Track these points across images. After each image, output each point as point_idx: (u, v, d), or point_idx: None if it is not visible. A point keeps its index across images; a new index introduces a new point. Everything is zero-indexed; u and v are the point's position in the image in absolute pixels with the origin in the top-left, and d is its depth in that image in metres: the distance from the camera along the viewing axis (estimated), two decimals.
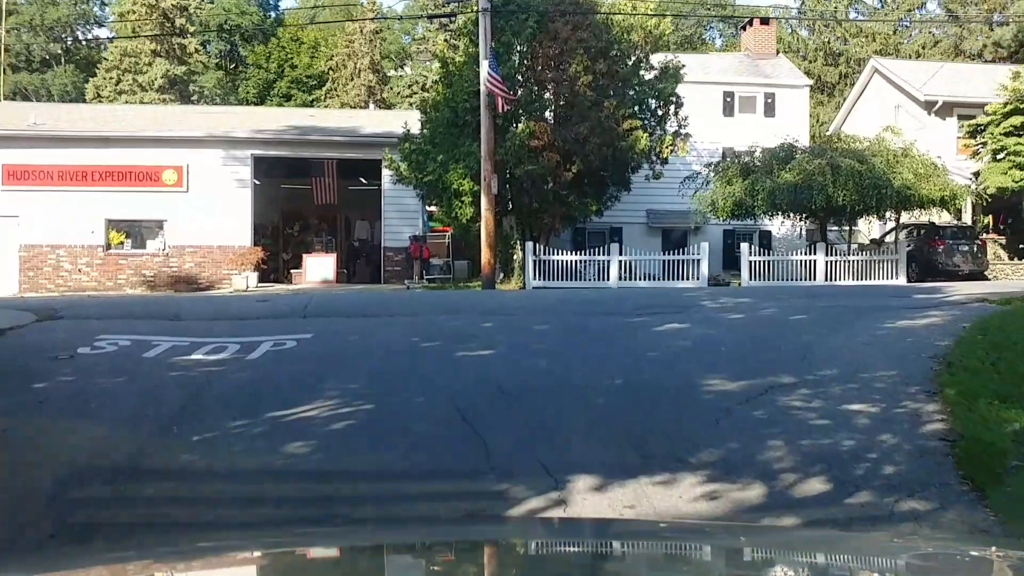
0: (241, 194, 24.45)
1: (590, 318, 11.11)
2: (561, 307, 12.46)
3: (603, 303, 13.11)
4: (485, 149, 18.65)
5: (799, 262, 21.28)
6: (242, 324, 10.94)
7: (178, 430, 5.76)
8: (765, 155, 21.63)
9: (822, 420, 5.71)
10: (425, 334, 9.72)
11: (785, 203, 20.02)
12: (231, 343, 9.24)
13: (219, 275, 24.35)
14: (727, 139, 26.10)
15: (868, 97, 31.21)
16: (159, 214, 24.38)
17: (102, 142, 23.99)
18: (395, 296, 15.85)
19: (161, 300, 14.41)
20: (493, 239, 19.05)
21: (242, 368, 7.93)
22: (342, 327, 10.48)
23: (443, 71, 21.21)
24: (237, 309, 12.45)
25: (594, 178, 21.06)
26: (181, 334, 9.94)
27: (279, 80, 57.00)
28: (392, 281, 24.54)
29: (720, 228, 25.76)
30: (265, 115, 29.68)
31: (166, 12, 37.55)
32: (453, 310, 12.27)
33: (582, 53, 19.27)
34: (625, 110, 20.08)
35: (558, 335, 9.52)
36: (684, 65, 21.88)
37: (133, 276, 24.38)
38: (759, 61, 28.58)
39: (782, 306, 11.86)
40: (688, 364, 7.66)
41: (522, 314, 11.64)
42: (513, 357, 8.16)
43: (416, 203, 24.55)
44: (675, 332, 9.55)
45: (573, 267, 20.92)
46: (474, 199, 19.78)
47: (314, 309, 12.20)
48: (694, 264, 21.04)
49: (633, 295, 15.04)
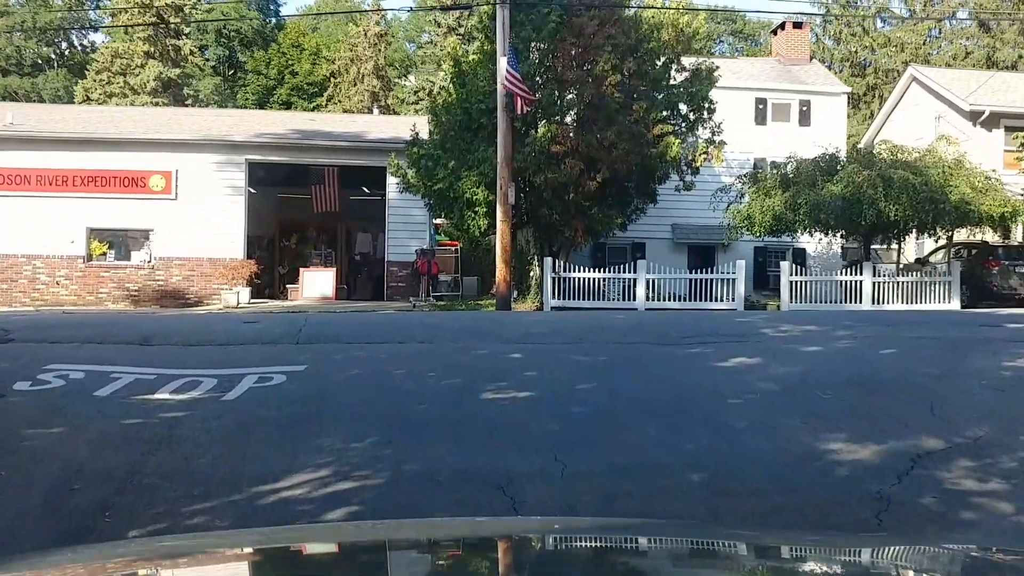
0: (234, 202, 22.92)
1: (635, 348, 9.51)
2: (595, 333, 10.86)
3: (642, 329, 11.50)
4: (502, 155, 17.12)
5: (843, 283, 19.65)
6: (224, 352, 9.37)
7: (111, 519, 4.15)
8: (807, 165, 20.09)
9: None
10: (442, 367, 8.14)
11: (832, 218, 18.45)
12: (207, 377, 7.70)
13: (209, 290, 22.79)
14: (759, 149, 24.61)
15: (905, 107, 29.70)
16: (145, 223, 22.85)
17: (85, 144, 22.48)
18: (401, 318, 14.26)
19: (133, 320, 12.83)
20: (509, 254, 17.48)
21: (215, 413, 6.35)
22: (342, 357, 8.89)
23: (455, 70, 19.71)
24: (220, 332, 10.86)
25: (617, 189, 19.52)
26: (149, 364, 8.40)
27: (279, 87, 55.64)
28: (396, 298, 22.97)
29: (751, 245, 24.19)
30: (262, 118, 28.18)
31: (160, 11, 36.14)
32: (471, 336, 10.67)
33: (610, 51, 17.77)
34: (655, 114, 18.57)
35: (604, 373, 7.91)
36: (718, 67, 20.39)
37: (116, 290, 22.81)
38: (792, 67, 27.10)
39: (858, 336, 10.26)
40: (789, 418, 6.04)
41: (552, 342, 10.04)
42: (557, 404, 6.56)
43: (423, 214, 23.01)
44: (748, 369, 7.94)
45: (595, 286, 19.32)
46: (488, 210, 18.24)
47: (309, 333, 10.62)
48: (728, 284, 19.44)
49: (671, 319, 13.44)
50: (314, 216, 26.87)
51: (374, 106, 38.64)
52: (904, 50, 42.59)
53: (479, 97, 18.30)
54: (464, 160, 18.43)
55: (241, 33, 58.38)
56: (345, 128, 25.95)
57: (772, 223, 19.41)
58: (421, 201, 21.54)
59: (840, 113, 26.08)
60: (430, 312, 17.83)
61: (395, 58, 57.05)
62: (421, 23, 61.00)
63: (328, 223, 28.38)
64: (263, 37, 59.23)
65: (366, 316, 14.93)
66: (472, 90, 18.58)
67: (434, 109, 20.10)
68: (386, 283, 23.55)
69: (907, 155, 20.01)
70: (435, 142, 19.28)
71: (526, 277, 20.59)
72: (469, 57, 20.38)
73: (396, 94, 47.43)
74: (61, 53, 56.98)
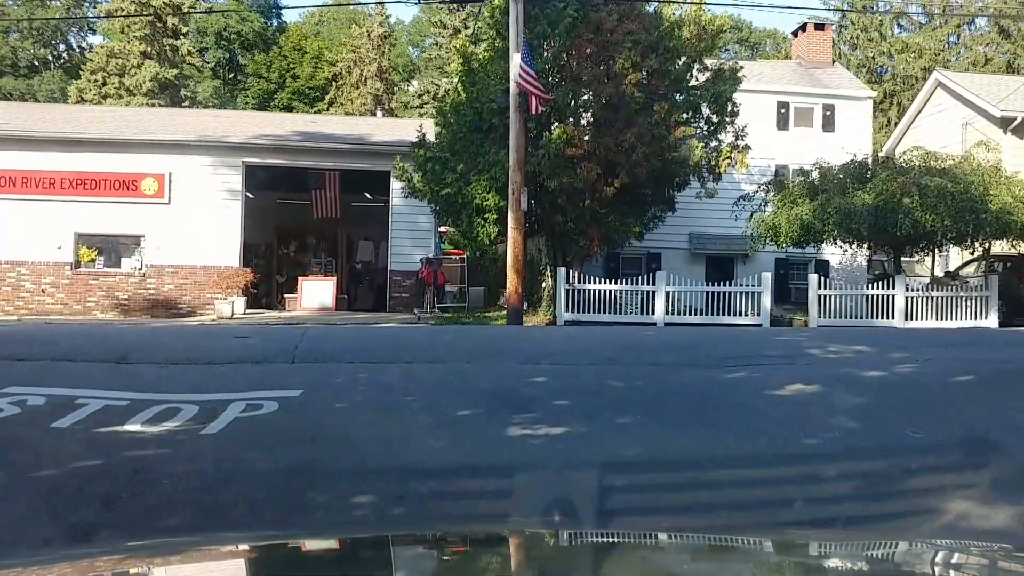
0: (230, 207, 21.96)
1: (674, 372, 8.51)
2: (624, 353, 9.84)
3: (675, 347, 10.48)
4: (515, 158, 16.13)
5: (874, 298, 18.61)
6: (210, 372, 8.37)
7: None
8: (836, 172, 19.13)
9: None
10: (458, 393, 7.14)
11: (864, 228, 17.43)
12: (187, 403, 6.74)
13: (203, 299, 21.80)
14: (781, 155, 23.64)
15: (929, 113, 28.72)
16: (136, 228, 21.89)
17: (73, 145, 21.54)
18: (406, 332, 13.24)
19: (116, 333, 11.83)
20: (521, 264, 16.48)
21: (192, 453, 5.37)
22: (343, 380, 7.88)
23: (464, 69, 18.73)
24: (208, 348, 9.85)
25: (633, 195, 18.52)
26: (124, 386, 7.43)
27: (280, 91, 54.74)
28: (399, 309, 21.97)
29: (772, 256, 23.18)
30: (260, 120, 27.23)
31: (157, 11, 35.25)
32: (485, 354, 9.66)
33: (630, 47, 16.80)
34: (677, 115, 17.59)
35: (649, 403, 6.89)
36: (742, 67, 19.44)
37: (105, 299, 21.83)
38: (814, 70, 26.14)
39: (919, 360, 9.24)
40: (880, 461, 5.03)
41: (579, 362, 9.03)
42: (600, 445, 5.54)
43: (429, 221, 22.04)
44: (811, 400, 6.94)
45: (611, 298, 18.31)
46: (499, 216, 17.26)
47: (307, 350, 9.61)
48: (753, 298, 18.41)
49: (702, 337, 12.41)
50: (314, 222, 25.90)
51: (377, 110, 37.70)
52: (922, 56, 41.67)
53: (490, 96, 17.34)
54: (474, 163, 17.46)
55: (242, 36, 57.52)
56: (347, 130, 25.01)
57: (799, 233, 18.42)
58: (427, 207, 20.59)
59: (865, 118, 25.11)
60: (436, 325, 16.83)
61: (398, 62, 56.15)
62: (424, 28, 60.21)
63: (328, 230, 27.43)
64: (264, 40, 58.36)
65: (368, 330, 13.91)
66: (483, 89, 17.63)
67: (442, 110, 19.13)
68: (389, 293, 22.55)
69: (941, 162, 19.02)
70: (443, 144, 18.32)
71: (537, 288, 19.59)
72: (479, 55, 19.41)
73: (399, 98, 46.50)
74: (58, 55, 56.21)
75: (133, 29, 36.06)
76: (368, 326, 16.15)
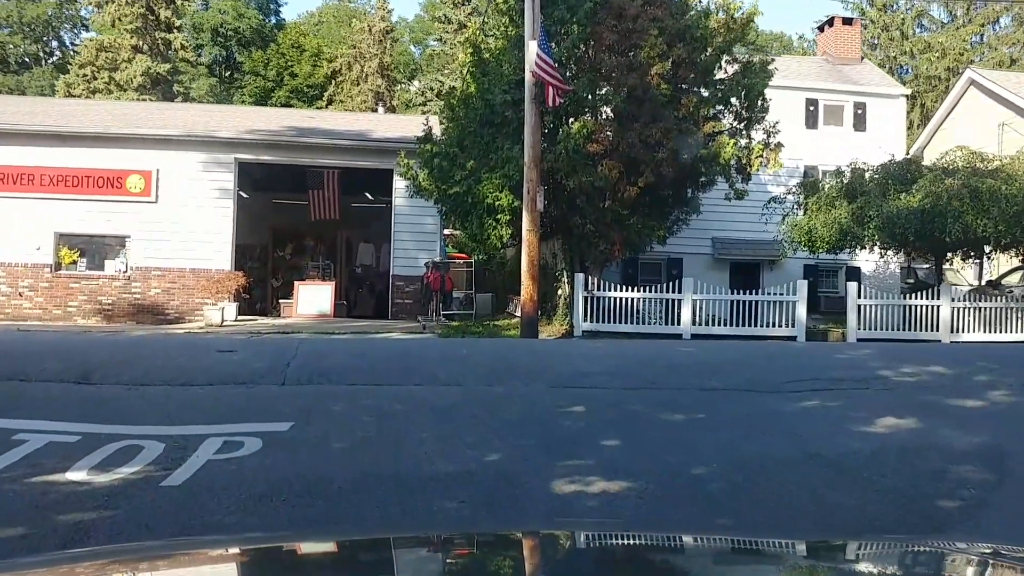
0: (222, 207, 20.76)
1: (731, 398, 7.30)
2: (665, 374, 8.61)
3: (724, 367, 9.22)
4: (530, 154, 14.92)
5: (917, 309, 17.37)
6: (185, 396, 7.17)
7: None
8: (876, 173, 17.96)
9: None
10: (482, 428, 5.96)
11: (910, 233, 16.22)
12: (152, 439, 5.63)
13: (191, 304, 20.59)
14: (809, 155, 22.44)
15: (962, 113, 27.52)
16: (121, 228, 20.67)
17: (54, 140, 20.34)
18: (414, 345, 12.01)
19: (81, 345, 10.60)
20: (537, 269, 15.26)
21: (147, 516, 4.18)
22: (342, 408, 6.68)
23: (474, 59, 17.52)
24: (186, 365, 8.63)
25: (656, 196, 17.31)
26: (77, 415, 6.30)
27: (278, 89, 53.50)
28: (401, 316, 20.76)
29: (800, 262, 21.97)
30: (254, 115, 26.01)
31: (150, 3, 34.09)
32: (507, 374, 8.43)
33: (656, 34, 15.61)
34: (707, 109, 16.40)
35: (714, 445, 5.66)
36: (773, 59, 18.27)
37: (87, 303, 20.62)
38: (842, 66, 24.95)
39: (1013, 386, 8.01)
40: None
41: (615, 386, 7.81)
42: (677, 507, 4.32)
43: (434, 223, 20.85)
44: (912, 440, 5.72)
45: (632, 307, 17.08)
46: (512, 217, 16.06)
47: (300, 367, 8.39)
48: (787, 308, 17.18)
49: (743, 352, 11.17)
50: (312, 224, 24.72)
51: (379, 107, 36.49)
52: (946, 55, 40.49)
53: (504, 87, 16.15)
54: (485, 160, 16.26)
55: (239, 32, 56.34)
56: (347, 126, 23.82)
57: (837, 238, 17.23)
58: (432, 208, 19.42)
59: (898, 117, 23.91)
60: (444, 336, 15.61)
61: (400, 61, 54.97)
62: (427, 27, 59.05)
63: (327, 232, 26.25)
64: (262, 37, 57.16)
65: (371, 342, 12.68)
66: (495, 79, 16.43)
67: (449, 103, 17.91)
68: (391, 300, 21.34)
69: (987, 163, 17.82)
70: (451, 139, 17.11)
71: (552, 296, 18.37)
72: (490, 44, 18.20)
73: (400, 96, 45.29)
74: (51, 52, 55.10)
75: (124, 22, 34.85)
76: (370, 336, 14.94)
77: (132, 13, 34.48)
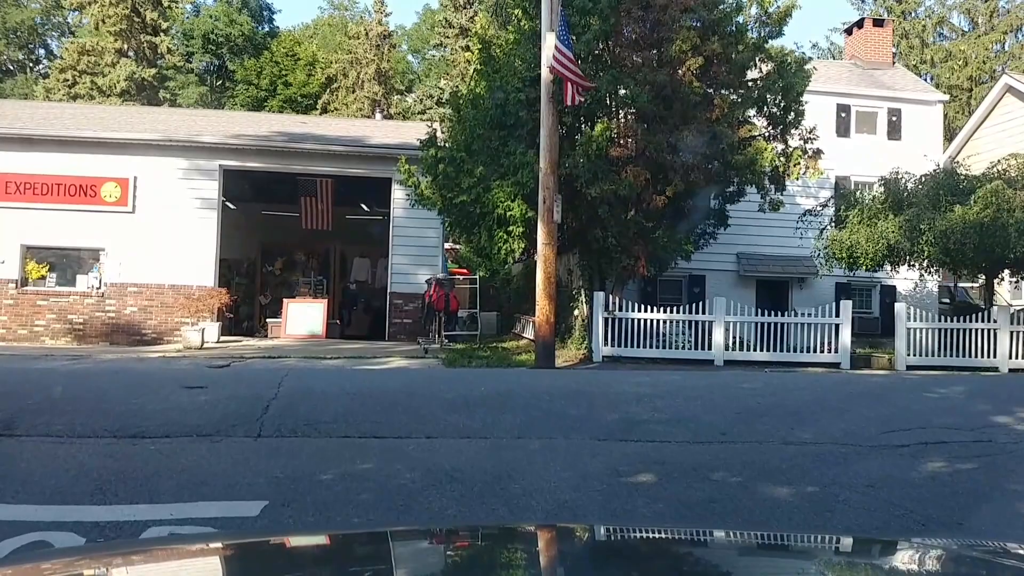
0: (205, 217, 19.21)
1: (826, 458, 5.75)
2: (733, 421, 7.04)
3: (795, 411, 7.65)
4: (547, 159, 13.40)
5: (973, 333, 15.82)
6: (130, 454, 5.63)
7: None
8: (920, 183, 16.51)
9: None
10: (524, 512, 4.37)
11: (968, 248, 14.71)
12: (65, 533, 4.09)
13: (171, 324, 19.00)
14: (841, 166, 20.96)
15: (997, 122, 26.01)
16: (95, 241, 19.10)
17: (22, 144, 18.82)
18: (421, 378, 10.43)
19: (16, 378, 9.00)
20: (554, 287, 13.71)
21: None
22: (333, 476, 5.12)
23: (483, 56, 16.05)
24: (141, 407, 7.03)
25: (681, 206, 15.79)
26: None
27: (271, 98, 51.97)
28: (400, 338, 19.19)
29: (832, 280, 20.45)
30: (242, 119, 24.49)
31: (136, 5, 32.61)
32: (540, 422, 6.86)
33: (688, 27, 14.13)
34: (742, 111, 14.93)
35: None
36: (810, 58, 16.83)
37: (56, 322, 19.02)
38: (873, 71, 23.52)
39: None
40: None
41: (680, 438, 6.26)
42: None
43: (437, 236, 19.33)
44: None
45: (656, 329, 15.52)
46: (526, 229, 14.54)
47: (282, 411, 6.83)
48: (829, 331, 15.63)
49: (813, 389, 9.60)
50: (303, 238, 23.24)
51: (376, 115, 34.99)
52: (968, 64, 39.17)
53: (517, 85, 14.66)
54: (495, 166, 14.75)
55: (231, 40, 54.89)
56: (343, 132, 22.29)
57: (884, 255, 15.72)
58: (434, 220, 17.95)
59: (935, 125, 22.45)
60: (450, 363, 14.02)
61: (398, 69, 53.54)
62: (426, 35, 57.65)
63: (320, 245, 24.73)
64: (254, 45, 55.70)
65: (368, 374, 11.07)
66: (507, 76, 14.94)
67: (455, 103, 16.40)
68: (388, 319, 19.75)
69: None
70: (457, 143, 15.60)
71: (566, 316, 16.82)
72: (500, 40, 16.72)
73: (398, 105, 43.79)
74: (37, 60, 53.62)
75: (108, 23, 33.34)
76: (366, 363, 13.34)
77: (116, 14, 32.98)
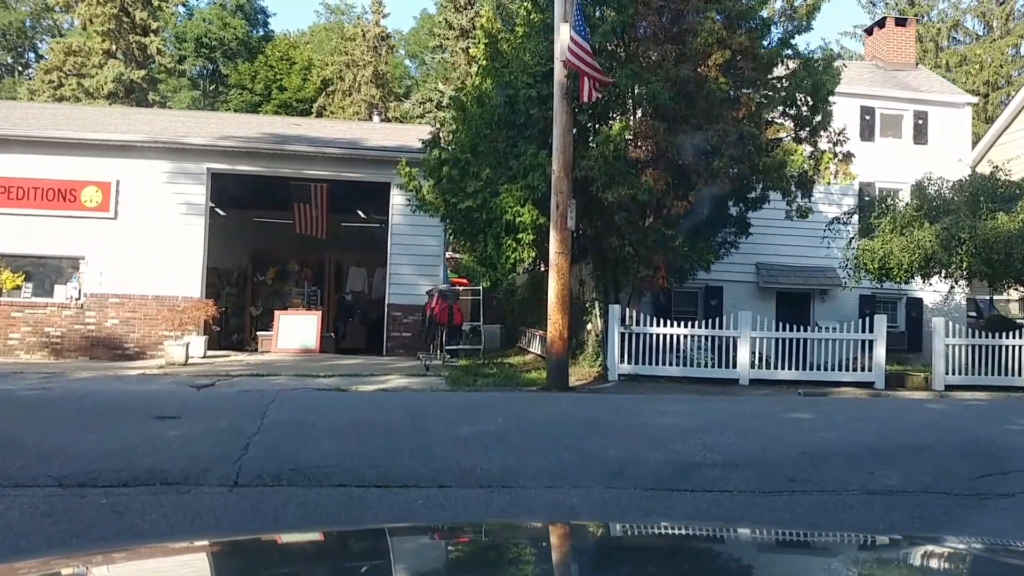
0: (191, 224, 18.18)
1: (919, 510, 4.75)
2: (800, 465, 6.01)
3: (876, 454, 6.61)
4: (560, 160, 12.41)
5: (1014, 350, 14.80)
6: (74, 512, 4.59)
7: None
8: (954, 190, 15.56)
9: None
10: None
11: (1016, 258, 13.72)
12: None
13: (155, 337, 17.95)
14: (866, 171, 19.93)
15: (1021, 127, 25.14)
16: (74, 248, 18.07)
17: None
18: (427, 403, 9.39)
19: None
20: (568, 299, 12.69)
21: None
22: None
23: (489, 50, 15.04)
24: (97, 446, 5.99)
25: (697, 214, 14.78)
26: None
27: (265, 103, 51.03)
28: (399, 352, 18.15)
29: (856, 293, 19.45)
30: (232, 121, 23.47)
31: (125, 4, 31.63)
32: (572, 465, 5.82)
33: (714, 19, 13.15)
34: (769, 110, 13.95)
35: None
36: (839, 55, 15.87)
37: (31, 335, 17.96)
38: (896, 72, 22.57)
39: None
40: None
41: (742, 488, 5.22)
42: None
43: (438, 244, 18.33)
44: None
45: (675, 345, 14.48)
46: (537, 236, 13.53)
47: (265, 451, 5.79)
48: (863, 347, 14.61)
49: (877, 421, 8.57)
50: (297, 246, 22.21)
51: (374, 116, 34.00)
52: (984, 69, 38.29)
53: (527, 81, 13.65)
54: (504, 168, 13.74)
55: (224, 43, 53.95)
56: (338, 134, 21.29)
57: (920, 265, 14.72)
58: (436, 227, 17.01)
59: (964, 128, 21.47)
60: (455, 381, 12.97)
61: (395, 73, 52.59)
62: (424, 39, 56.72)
63: (314, 254, 23.68)
64: (248, 48, 54.76)
65: (367, 398, 10.01)
66: (517, 71, 13.93)
67: (460, 100, 15.40)
68: (386, 332, 18.70)
69: None
70: (462, 144, 14.58)
71: (578, 331, 15.78)
72: (507, 35, 15.71)
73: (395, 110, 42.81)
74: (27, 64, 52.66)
75: (96, 23, 32.34)
76: (364, 382, 12.28)
77: (104, 14, 31.98)
